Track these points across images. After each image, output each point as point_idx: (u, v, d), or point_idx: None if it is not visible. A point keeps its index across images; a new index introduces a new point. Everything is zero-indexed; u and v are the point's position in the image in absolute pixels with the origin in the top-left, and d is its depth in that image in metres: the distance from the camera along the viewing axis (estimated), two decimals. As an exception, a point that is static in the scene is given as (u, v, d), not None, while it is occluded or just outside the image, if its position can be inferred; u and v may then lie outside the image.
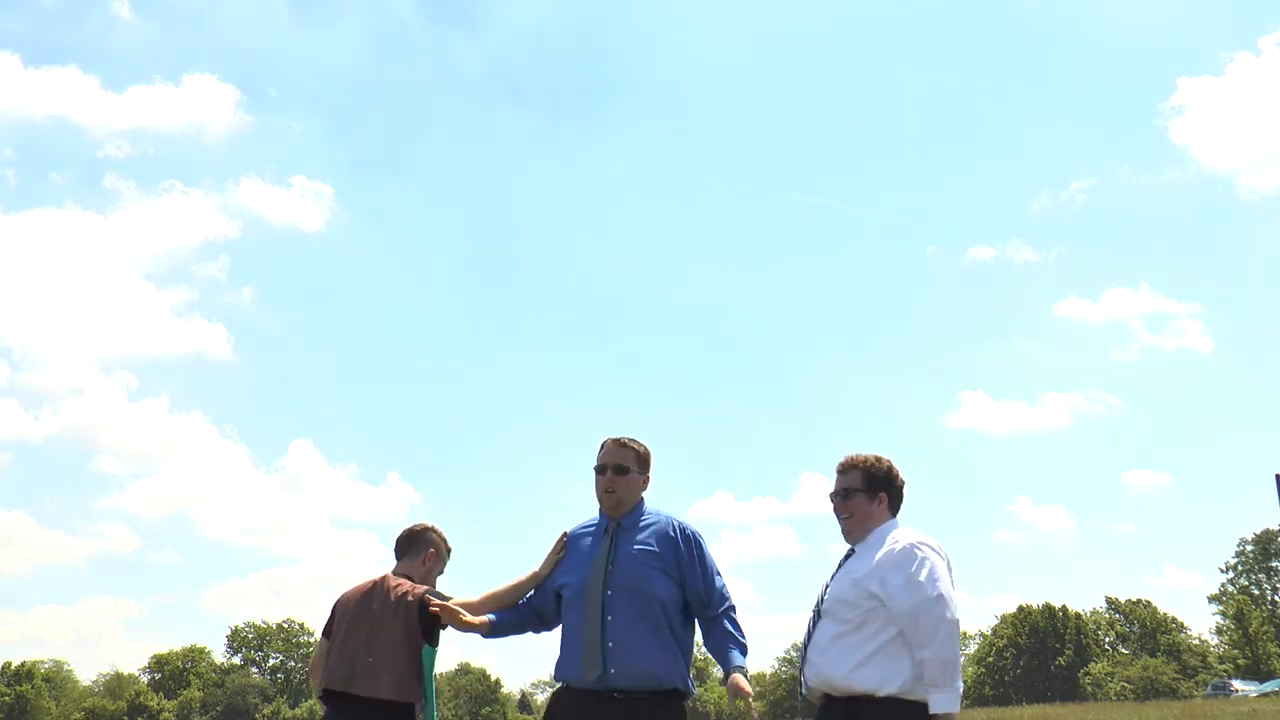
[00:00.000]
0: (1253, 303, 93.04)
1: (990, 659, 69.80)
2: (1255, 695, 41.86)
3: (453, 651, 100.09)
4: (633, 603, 3.84)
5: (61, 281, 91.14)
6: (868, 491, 3.89)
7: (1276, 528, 70.21)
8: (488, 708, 74.70)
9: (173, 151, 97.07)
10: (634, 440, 4.14)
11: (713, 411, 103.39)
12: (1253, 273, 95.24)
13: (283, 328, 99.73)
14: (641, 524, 4.02)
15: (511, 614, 4.22)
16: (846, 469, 3.96)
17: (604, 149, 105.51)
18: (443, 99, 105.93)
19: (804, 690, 3.74)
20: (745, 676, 3.75)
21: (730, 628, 3.90)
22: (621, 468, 4.06)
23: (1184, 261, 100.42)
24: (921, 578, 3.58)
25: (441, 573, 4.93)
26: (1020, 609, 69.81)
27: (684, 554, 3.93)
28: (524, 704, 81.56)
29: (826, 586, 3.83)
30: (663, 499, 3.95)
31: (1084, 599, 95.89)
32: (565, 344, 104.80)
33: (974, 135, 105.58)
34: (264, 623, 79.35)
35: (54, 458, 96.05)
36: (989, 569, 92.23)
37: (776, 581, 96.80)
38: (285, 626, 79.17)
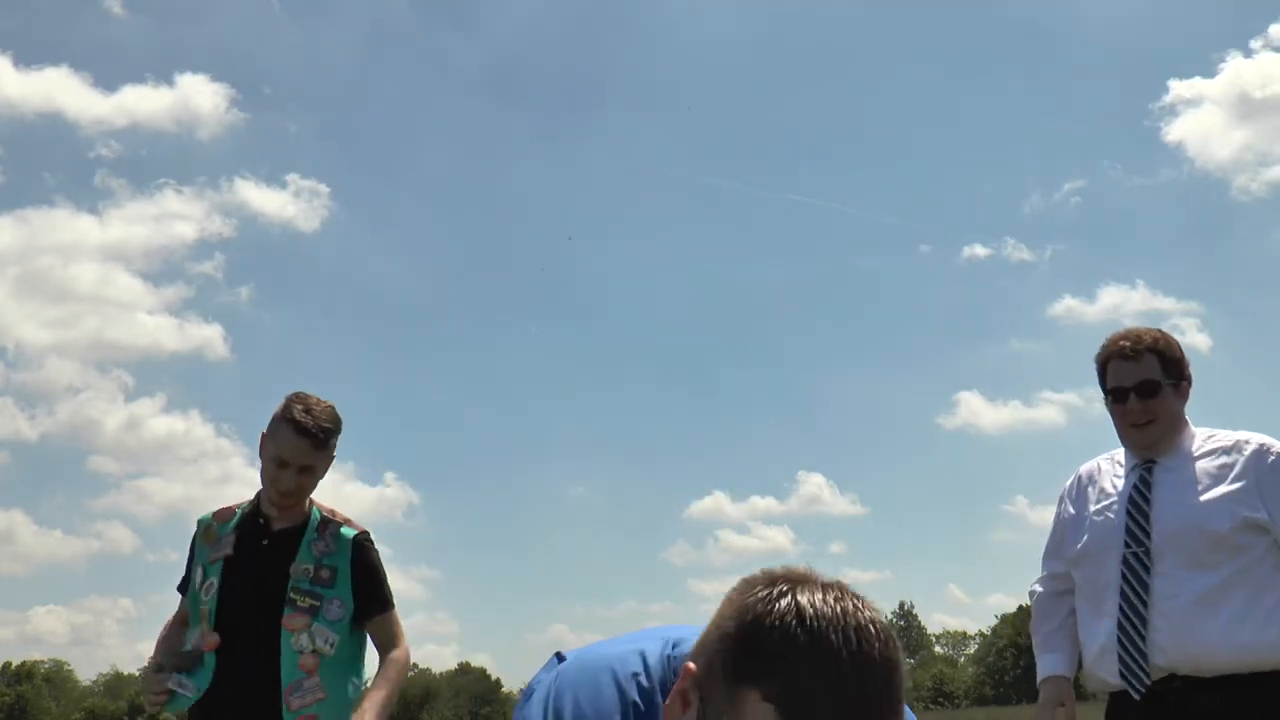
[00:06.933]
0: (1252, 301, 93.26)
1: (990, 659, 69.97)
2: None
3: (452, 651, 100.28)
4: None
5: (55, 280, 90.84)
6: (1171, 381, 2.75)
7: (1275, 528, 70.29)
8: (487, 708, 74.75)
9: (166, 150, 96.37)
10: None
11: (708, 411, 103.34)
12: (1251, 272, 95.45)
13: (280, 326, 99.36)
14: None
15: None
16: (1137, 351, 2.75)
17: (602, 147, 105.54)
18: (439, 97, 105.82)
19: (1140, 672, 2.58)
20: None
21: None
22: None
23: (1181, 260, 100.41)
24: None
25: None
26: (1020, 609, 69.79)
27: None
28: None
29: (1136, 519, 2.69)
30: (660, 499, 3.25)
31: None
32: (563, 342, 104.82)
33: (967, 135, 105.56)
34: (263, 622, 79.17)
35: (51, 457, 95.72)
36: (987, 569, 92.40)
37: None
38: (285, 626, 79.07)
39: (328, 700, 2.83)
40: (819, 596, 1.03)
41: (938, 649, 78.43)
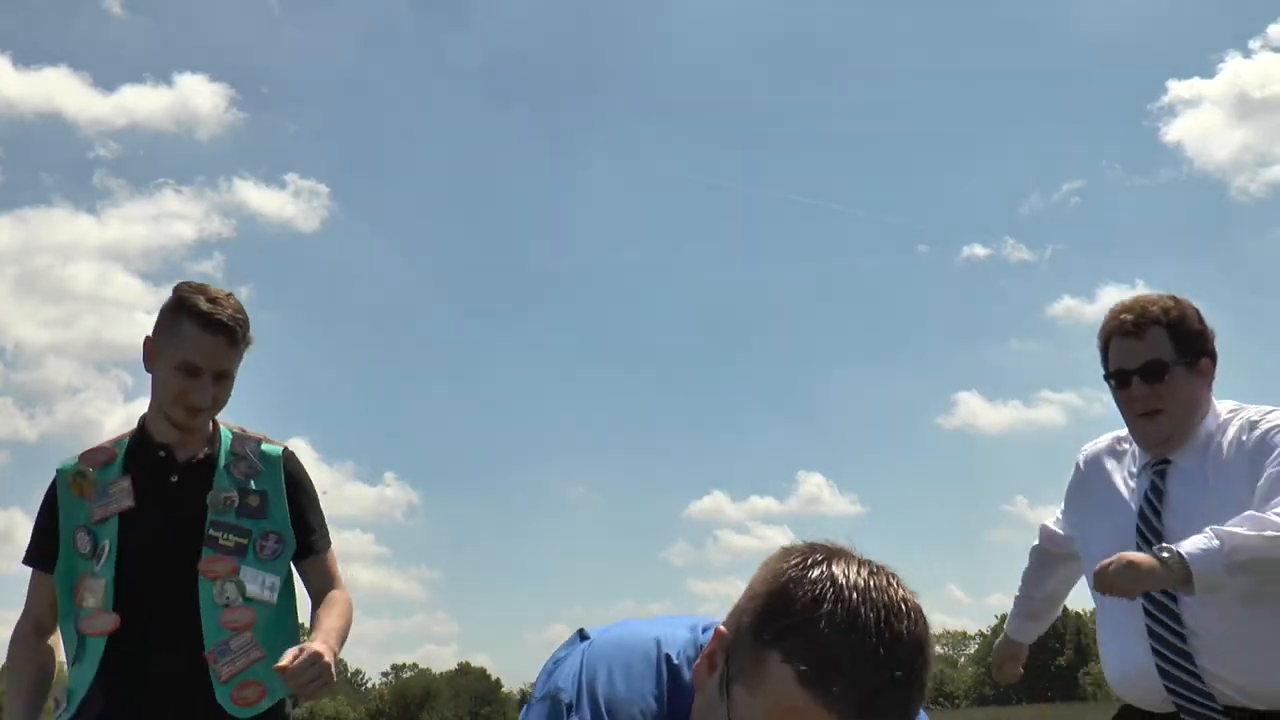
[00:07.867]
0: (1251, 301, 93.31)
1: (990, 659, 69.85)
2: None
3: (452, 651, 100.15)
4: None
5: (54, 280, 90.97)
6: (1186, 360, 2.26)
7: (1275, 528, 70.25)
8: (487, 708, 74.67)
9: (165, 150, 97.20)
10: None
11: (708, 411, 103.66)
12: (1251, 272, 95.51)
13: (279, 326, 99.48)
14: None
15: None
16: (1140, 325, 2.27)
17: (600, 147, 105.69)
18: (437, 96, 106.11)
19: (1195, 706, 2.17)
20: None
21: None
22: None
23: (1181, 260, 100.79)
24: None
25: None
26: (1020, 609, 69.89)
27: None
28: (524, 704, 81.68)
29: (1149, 538, 2.22)
30: (660, 499, 3.15)
31: (1083, 599, 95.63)
32: (562, 342, 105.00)
33: (967, 135, 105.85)
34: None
35: (50, 457, 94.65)
36: (987, 569, 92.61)
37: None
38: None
39: (270, 658, 2.14)
40: (853, 570, 1.02)
41: (937, 649, 78.47)
